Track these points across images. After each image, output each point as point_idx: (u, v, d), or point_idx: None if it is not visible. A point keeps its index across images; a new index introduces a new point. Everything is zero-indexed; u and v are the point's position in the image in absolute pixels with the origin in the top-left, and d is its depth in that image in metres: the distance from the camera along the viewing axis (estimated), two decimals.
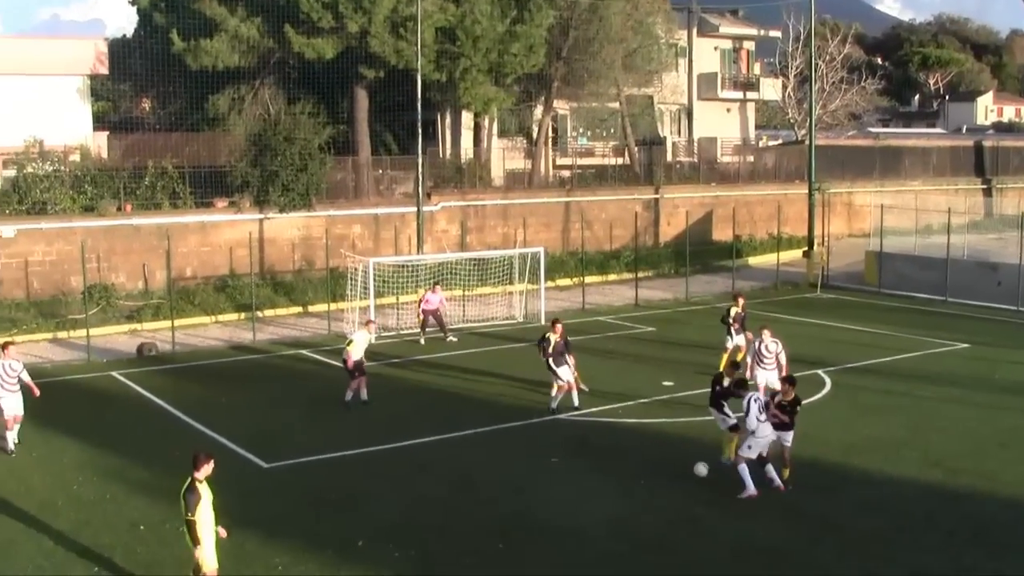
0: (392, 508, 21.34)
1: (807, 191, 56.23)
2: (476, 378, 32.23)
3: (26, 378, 25.82)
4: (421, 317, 38.94)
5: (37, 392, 25.97)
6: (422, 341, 38.50)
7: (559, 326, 28.69)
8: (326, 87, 54.83)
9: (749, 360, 28.70)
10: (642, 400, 29.69)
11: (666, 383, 31.28)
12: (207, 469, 16.51)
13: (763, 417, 21.97)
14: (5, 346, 26.03)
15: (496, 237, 54.95)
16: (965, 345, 37.95)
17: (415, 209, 48.08)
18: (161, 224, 45.33)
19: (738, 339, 32.20)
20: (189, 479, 16.29)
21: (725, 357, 31.25)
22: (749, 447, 21.99)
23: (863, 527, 20.25)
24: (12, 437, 25.38)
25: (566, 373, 28.25)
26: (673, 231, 60.50)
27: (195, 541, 16.17)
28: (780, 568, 18.57)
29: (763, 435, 21.96)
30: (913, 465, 23.94)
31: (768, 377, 27.52)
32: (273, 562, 18.60)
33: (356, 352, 29.49)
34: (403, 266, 44.41)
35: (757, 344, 28.24)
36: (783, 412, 22.36)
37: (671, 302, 47.50)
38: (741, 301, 33.49)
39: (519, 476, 23.34)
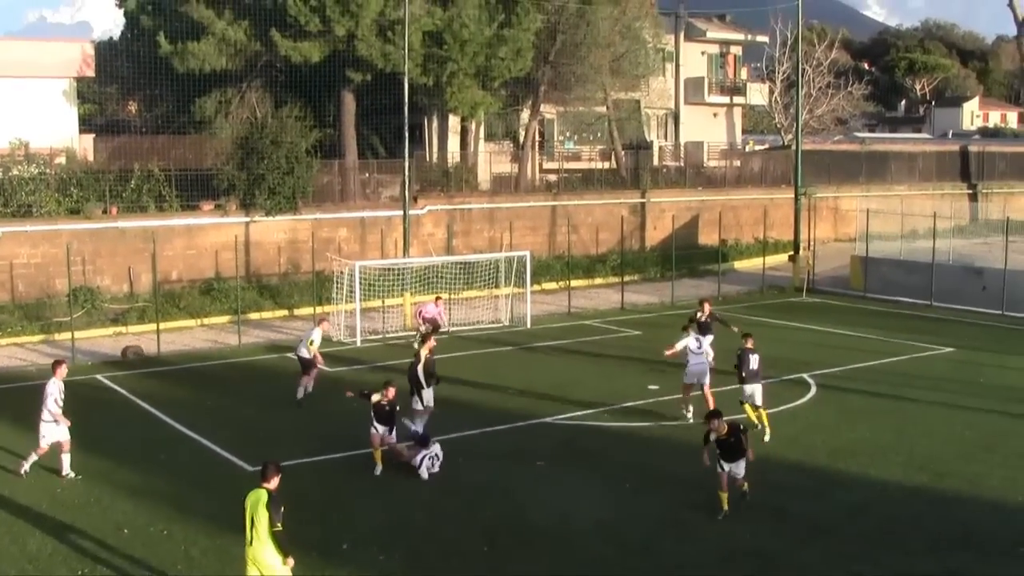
0: (377, 511, 21.30)
1: (793, 195, 56.35)
2: (462, 382, 32.12)
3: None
4: (420, 324, 37.94)
5: (68, 422, 23.75)
6: (416, 346, 38.27)
7: (429, 342, 26.63)
8: (313, 91, 54.75)
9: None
10: (628, 404, 29.67)
11: (652, 387, 31.26)
12: (277, 480, 16.25)
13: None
14: (57, 365, 24.39)
15: (482, 241, 54.91)
16: (950, 349, 38.01)
17: (401, 213, 47.98)
18: (147, 227, 45.21)
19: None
20: (267, 492, 15.94)
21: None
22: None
23: (850, 530, 20.27)
24: (67, 461, 23.59)
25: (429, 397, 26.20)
26: (659, 235, 60.53)
27: (285, 553, 15.90)
28: (767, 571, 18.56)
29: None
30: (899, 469, 23.96)
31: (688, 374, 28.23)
32: None
33: (310, 351, 30.31)
34: (389, 269, 44.37)
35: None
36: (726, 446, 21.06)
37: (657, 306, 47.51)
38: (707, 307, 32.59)
39: (505, 479, 23.30)
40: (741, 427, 21.04)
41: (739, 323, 35.23)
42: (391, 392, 24.01)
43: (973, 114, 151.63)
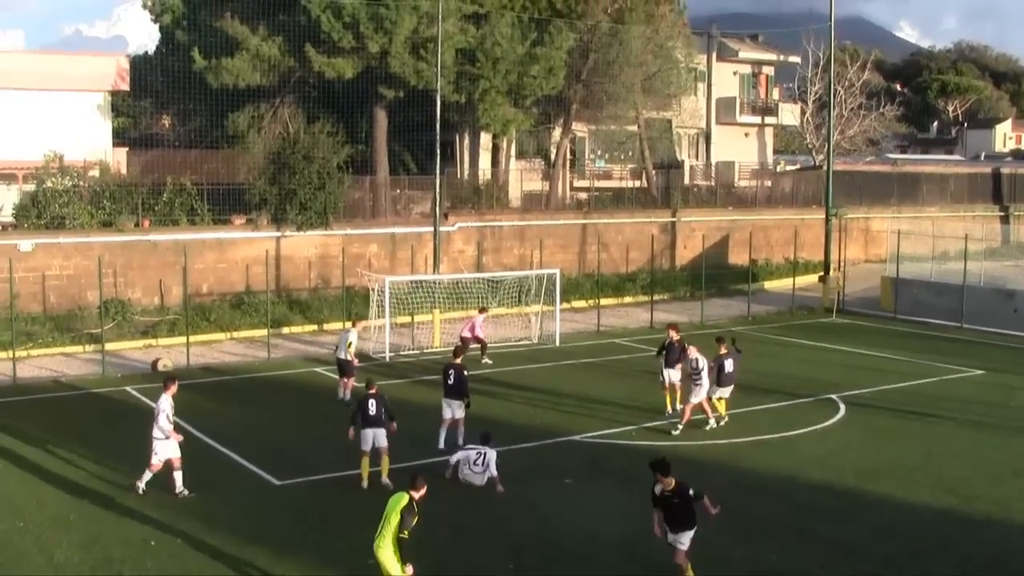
0: None
1: (824, 216, 56.20)
2: (490, 398, 32.15)
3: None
4: (471, 338, 38.54)
5: (180, 437, 23.72)
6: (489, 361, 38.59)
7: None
8: (345, 106, 54.98)
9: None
10: (656, 423, 29.64)
11: (680, 405, 31.14)
12: (423, 491, 16.62)
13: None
14: (169, 381, 24.03)
15: (512, 258, 54.97)
16: (980, 371, 37.84)
17: (432, 229, 48.13)
18: (178, 240, 45.47)
19: (672, 374, 30.51)
20: (408, 497, 16.29)
21: (667, 397, 30.79)
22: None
23: (877, 552, 20.18)
24: (179, 478, 23.16)
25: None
26: (689, 254, 60.47)
27: (404, 561, 16.18)
28: None
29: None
30: (927, 491, 23.86)
31: (701, 392, 28.90)
32: None
33: (349, 353, 32.20)
34: (419, 286, 44.45)
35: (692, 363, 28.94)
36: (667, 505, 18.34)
37: (686, 325, 47.05)
38: (672, 332, 31.26)
39: (532, 496, 23.30)
40: (692, 492, 18.24)
41: (769, 343, 35.14)
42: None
43: (1006, 136, 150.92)
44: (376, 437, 23.89)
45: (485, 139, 62.39)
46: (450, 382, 27.03)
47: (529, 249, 54.85)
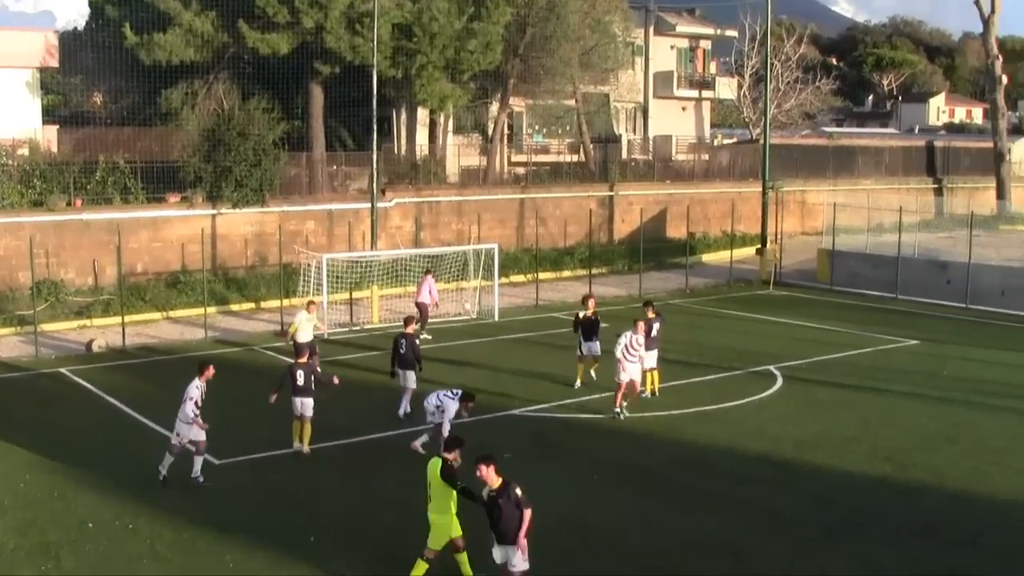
0: (345, 504, 21.23)
1: (761, 189, 56.52)
2: (429, 374, 32.05)
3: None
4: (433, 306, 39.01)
5: (206, 426, 22.79)
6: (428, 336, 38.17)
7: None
8: (281, 83, 54.56)
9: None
10: (595, 396, 29.69)
11: (618, 379, 31.21)
12: (455, 453, 17.16)
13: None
14: (204, 367, 23.09)
15: (450, 234, 54.85)
16: (915, 342, 38.24)
17: (369, 205, 47.90)
18: (112, 219, 44.88)
19: (590, 346, 30.91)
20: (441, 461, 16.92)
21: (580, 369, 31.05)
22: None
23: (816, 521, 20.36)
24: (199, 463, 22.60)
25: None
26: (627, 228, 60.60)
27: (477, 498, 16.56)
28: (733, 563, 18.59)
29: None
30: (863, 460, 24.09)
31: (633, 371, 27.87)
32: (224, 559, 18.45)
33: (301, 335, 31.53)
34: (357, 262, 44.24)
35: (629, 338, 27.80)
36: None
37: (625, 299, 47.46)
38: (591, 303, 31.71)
39: (472, 472, 23.22)
40: (519, 494, 16.35)
41: (708, 316, 35.31)
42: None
43: (939, 110, 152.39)
44: (303, 406, 24.52)
45: (422, 115, 62.11)
46: (402, 351, 27.74)
47: (467, 224, 54.73)
